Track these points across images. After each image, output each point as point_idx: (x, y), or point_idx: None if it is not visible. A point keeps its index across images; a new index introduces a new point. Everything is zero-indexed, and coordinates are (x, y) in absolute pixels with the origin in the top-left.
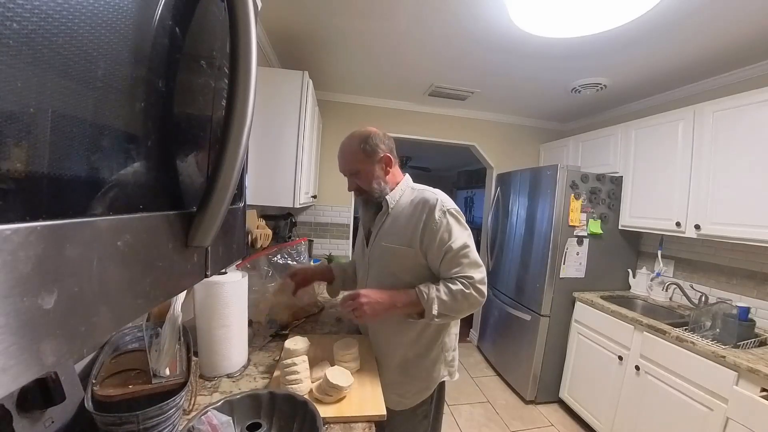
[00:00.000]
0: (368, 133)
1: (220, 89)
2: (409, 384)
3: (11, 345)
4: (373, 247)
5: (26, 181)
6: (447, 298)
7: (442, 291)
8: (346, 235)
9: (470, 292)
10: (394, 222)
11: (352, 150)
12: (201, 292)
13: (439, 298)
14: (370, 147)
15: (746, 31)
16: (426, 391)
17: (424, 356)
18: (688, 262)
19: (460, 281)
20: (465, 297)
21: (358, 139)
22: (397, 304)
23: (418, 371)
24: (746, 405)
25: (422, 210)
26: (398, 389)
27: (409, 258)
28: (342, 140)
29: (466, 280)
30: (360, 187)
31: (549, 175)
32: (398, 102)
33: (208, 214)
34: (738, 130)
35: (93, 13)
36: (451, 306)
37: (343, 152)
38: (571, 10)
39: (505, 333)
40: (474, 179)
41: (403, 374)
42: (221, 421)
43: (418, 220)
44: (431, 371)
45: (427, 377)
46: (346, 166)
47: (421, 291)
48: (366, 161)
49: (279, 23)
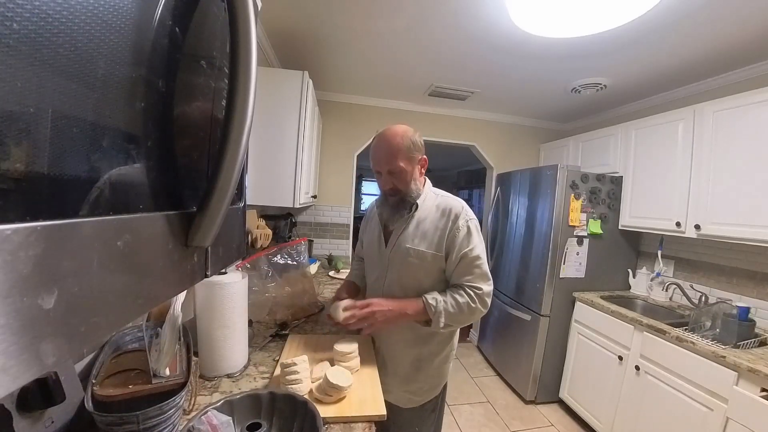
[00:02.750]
0: (412, 130)
1: (220, 89)
2: (422, 382)
3: (11, 345)
4: (394, 247)
5: (26, 181)
6: (454, 310)
7: (449, 303)
8: (346, 235)
9: (476, 306)
10: (420, 225)
11: (399, 147)
12: (201, 292)
13: (446, 310)
14: (415, 146)
15: (746, 31)
16: (437, 388)
17: (437, 354)
18: (688, 262)
19: (467, 292)
20: (471, 310)
21: (405, 136)
22: (407, 311)
23: (432, 369)
24: (746, 405)
25: (449, 216)
26: (411, 387)
27: (435, 262)
28: (382, 134)
29: (474, 292)
30: (396, 187)
31: (549, 175)
32: (398, 102)
33: (208, 214)
34: (738, 130)
35: (93, 13)
36: (457, 318)
37: (387, 149)
38: (571, 10)
39: (505, 333)
40: (474, 179)
41: (416, 372)
42: (221, 421)
43: (444, 225)
44: (442, 369)
45: (439, 375)
46: (388, 163)
47: (429, 303)
48: (409, 160)
49: (279, 23)
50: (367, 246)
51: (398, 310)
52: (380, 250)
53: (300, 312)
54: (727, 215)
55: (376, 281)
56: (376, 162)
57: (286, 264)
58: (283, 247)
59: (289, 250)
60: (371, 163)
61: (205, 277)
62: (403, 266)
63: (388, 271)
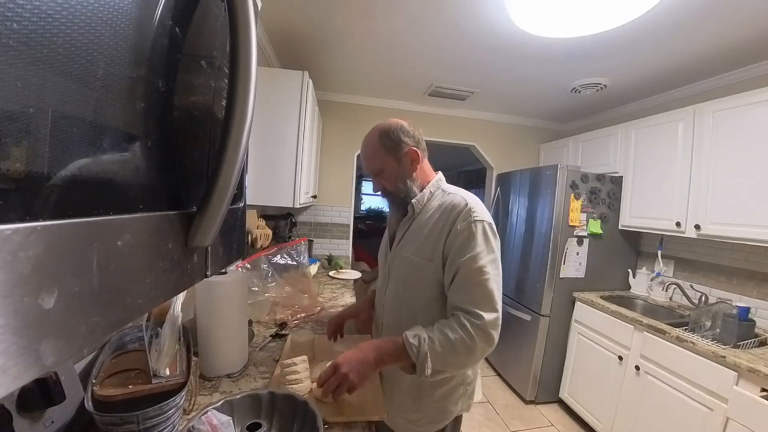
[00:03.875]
0: (389, 125)
1: (220, 89)
2: (419, 413)
3: (11, 345)
4: (395, 254)
5: (26, 181)
6: (443, 350)
7: (437, 341)
8: (346, 235)
9: (474, 344)
10: (419, 229)
11: (374, 147)
12: (201, 292)
13: (433, 350)
14: (392, 141)
15: (746, 31)
16: (439, 424)
17: (441, 384)
18: (688, 262)
19: (461, 324)
20: (468, 350)
21: (378, 133)
22: (383, 358)
23: (431, 401)
24: (746, 405)
25: (448, 217)
26: (408, 415)
27: (429, 272)
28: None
29: (470, 322)
30: (384, 187)
31: (549, 175)
32: (398, 102)
33: (208, 214)
34: (738, 130)
35: (93, 13)
36: (451, 360)
37: (364, 149)
38: (572, 11)
39: (505, 333)
40: (474, 179)
41: (413, 401)
42: (221, 421)
43: (441, 229)
44: (446, 403)
45: (442, 409)
46: (368, 165)
47: (410, 343)
48: (388, 158)
49: (279, 23)
50: (380, 252)
51: (373, 359)
52: (386, 257)
53: (300, 312)
54: (727, 215)
55: (379, 292)
56: (363, 166)
57: (286, 264)
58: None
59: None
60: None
61: (205, 277)
62: (400, 276)
63: (389, 281)
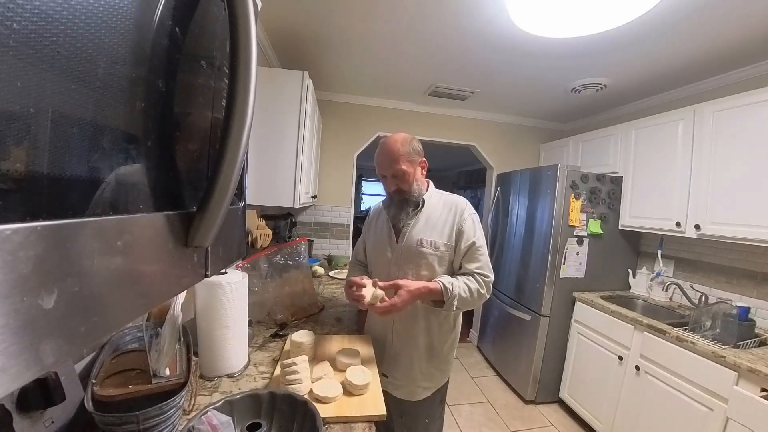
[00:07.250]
0: (406, 136)
1: (220, 89)
2: (435, 368)
3: (11, 345)
4: (406, 241)
5: (26, 181)
6: (466, 294)
7: (463, 288)
8: (346, 235)
9: (484, 293)
10: (429, 220)
11: (400, 152)
12: (201, 292)
13: (460, 295)
14: (414, 150)
15: (746, 31)
16: (447, 374)
17: (445, 341)
18: (688, 262)
19: (477, 280)
20: (479, 296)
21: (405, 141)
22: (427, 291)
23: (442, 355)
24: (746, 405)
25: (456, 210)
26: (424, 376)
27: (446, 252)
28: (384, 142)
29: (483, 279)
30: (400, 187)
31: (549, 175)
32: (398, 102)
33: (208, 214)
34: (738, 130)
35: (93, 13)
36: (467, 302)
37: (388, 154)
38: (572, 10)
39: (505, 333)
40: (474, 179)
41: (428, 361)
42: (221, 421)
43: (453, 218)
44: (450, 355)
45: (447, 361)
46: (391, 167)
47: (446, 286)
48: (410, 163)
49: (279, 23)
50: (374, 245)
51: (421, 290)
52: (391, 246)
53: (300, 312)
54: (727, 215)
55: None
56: (380, 167)
57: (286, 264)
58: (283, 247)
59: (289, 250)
60: (377, 169)
61: (205, 277)
62: (416, 257)
63: (401, 265)
